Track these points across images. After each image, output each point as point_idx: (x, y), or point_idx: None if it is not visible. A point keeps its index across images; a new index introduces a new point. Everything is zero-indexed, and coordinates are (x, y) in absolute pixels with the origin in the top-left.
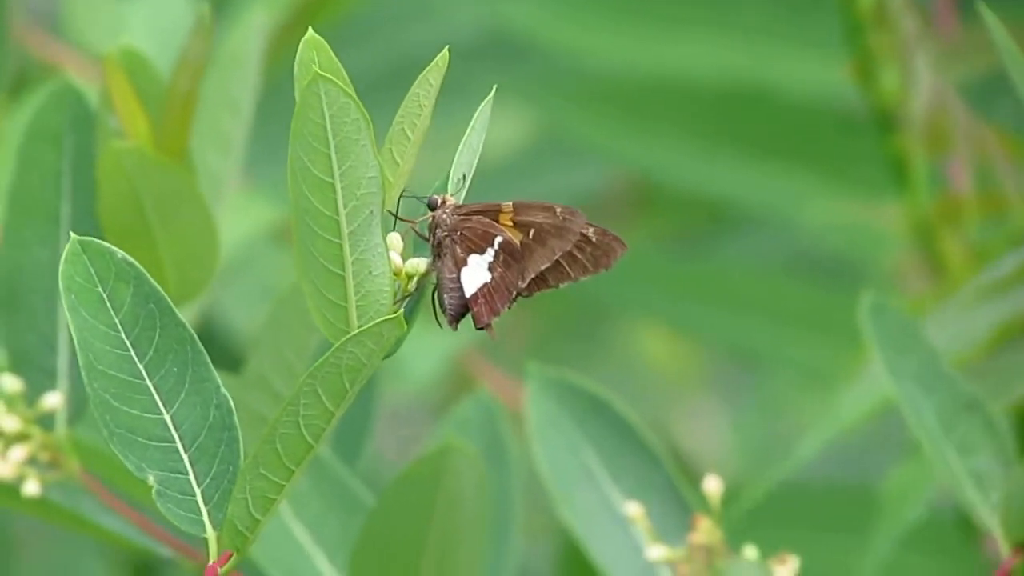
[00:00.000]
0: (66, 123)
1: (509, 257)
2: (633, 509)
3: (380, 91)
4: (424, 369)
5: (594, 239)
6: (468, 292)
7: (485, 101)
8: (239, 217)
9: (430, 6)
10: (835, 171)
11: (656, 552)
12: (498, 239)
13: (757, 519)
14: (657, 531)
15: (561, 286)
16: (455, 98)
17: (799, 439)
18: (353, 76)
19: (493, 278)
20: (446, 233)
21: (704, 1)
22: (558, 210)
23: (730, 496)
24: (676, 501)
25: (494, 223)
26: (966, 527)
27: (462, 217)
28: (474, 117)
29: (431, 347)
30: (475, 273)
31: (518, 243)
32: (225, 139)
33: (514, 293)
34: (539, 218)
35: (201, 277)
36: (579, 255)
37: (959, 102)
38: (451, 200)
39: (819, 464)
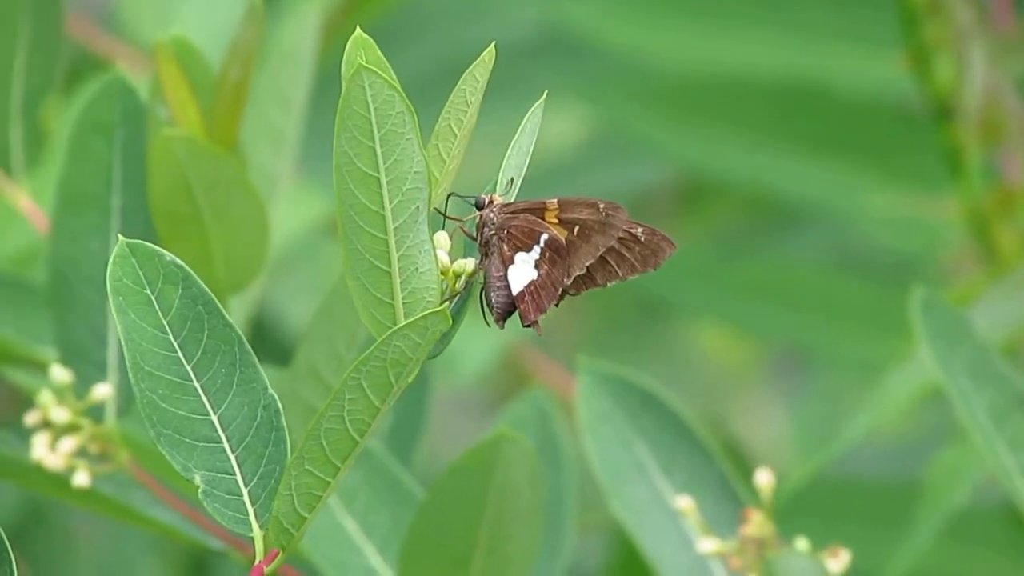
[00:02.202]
0: (117, 116)
1: (555, 254)
2: (684, 503)
3: (436, 89)
4: (476, 363)
5: (643, 238)
6: (515, 290)
7: (536, 105)
8: (292, 211)
9: (487, 5)
10: (892, 166)
11: (707, 545)
12: (544, 236)
13: (810, 512)
14: (708, 524)
15: (609, 285)
16: (511, 97)
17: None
18: (409, 74)
19: (539, 275)
20: (493, 232)
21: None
22: (601, 206)
23: (785, 488)
24: (728, 494)
25: (540, 220)
26: (1015, 520)
27: (509, 215)
28: (524, 120)
29: (483, 342)
30: (522, 271)
31: (563, 240)
32: (278, 135)
33: (560, 290)
34: (583, 215)
35: (252, 267)
36: (627, 254)
37: (1014, 94)
38: (498, 199)
39: (876, 461)
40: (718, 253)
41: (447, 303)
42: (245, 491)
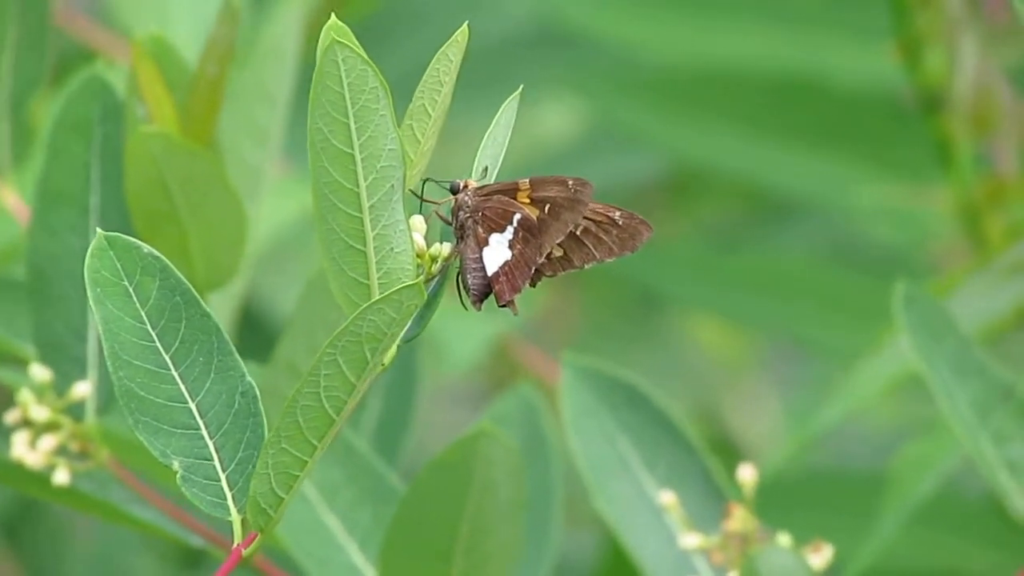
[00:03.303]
0: (95, 114)
1: (527, 233)
2: (667, 497)
3: None
4: (466, 354)
5: (620, 222)
6: (490, 271)
7: (512, 97)
8: (281, 204)
9: None
10: (884, 158)
11: (690, 540)
12: (516, 216)
13: (800, 504)
14: (692, 519)
15: (587, 267)
16: (504, 90)
17: (849, 421)
18: (401, 69)
19: (513, 255)
20: (468, 215)
21: None
22: (570, 183)
23: (777, 479)
24: (711, 489)
25: (512, 201)
26: (996, 509)
27: (483, 198)
28: (499, 111)
29: (473, 333)
30: (496, 252)
31: (535, 219)
32: (261, 131)
33: (533, 269)
34: (552, 192)
35: (230, 263)
36: (605, 237)
37: (1005, 84)
38: (473, 183)
39: (871, 452)
40: (711, 245)
41: (422, 278)
42: (223, 476)
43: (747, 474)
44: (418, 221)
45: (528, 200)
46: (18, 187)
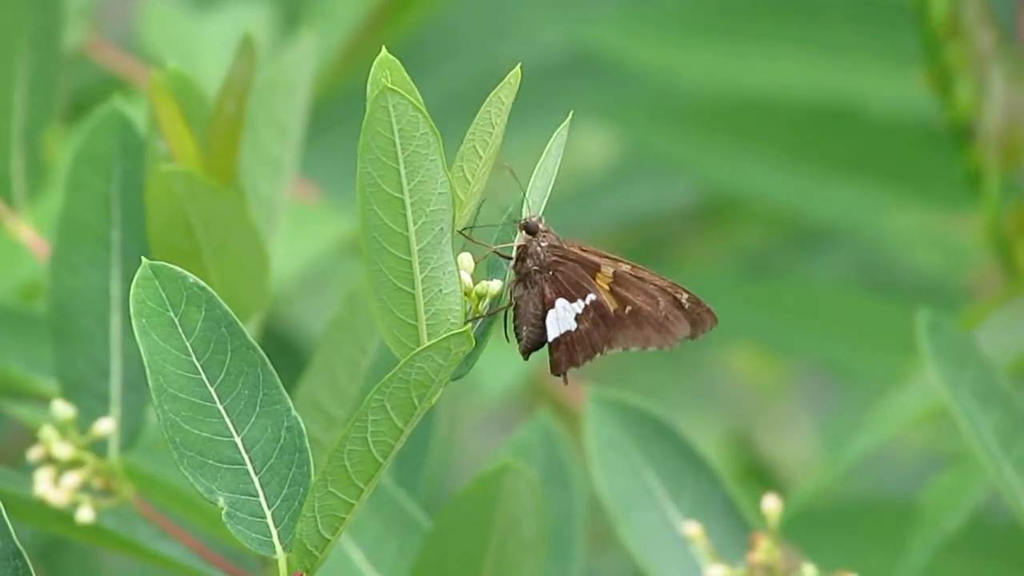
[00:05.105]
0: (115, 149)
1: (599, 317)
2: (692, 529)
3: (464, 108)
4: (501, 382)
5: (687, 306)
6: (551, 335)
7: (562, 126)
8: (318, 231)
9: (514, 24)
10: (918, 185)
11: (715, 572)
12: (591, 296)
13: (836, 531)
14: (716, 550)
15: (646, 350)
16: (538, 116)
17: (880, 446)
18: (436, 93)
19: (579, 329)
20: (537, 268)
21: (787, 18)
22: (662, 304)
23: (810, 505)
24: (736, 520)
25: (590, 279)
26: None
27: (558, 258)
28: (550, 142)
29: (509, 361)
30: (561, 318)
31: (612, 311)
32: (275, 163)
33: (597, 354)
34: (639, 300)
35: (252, 301)
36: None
37: None
38: (552, 234)
39: (904, 479)
40: (744, 272)
41: (470, 324)
42: (269, 513)
43: (771, 505)
44: (466, 259)
45: (607, 288)
46: (33, 221)
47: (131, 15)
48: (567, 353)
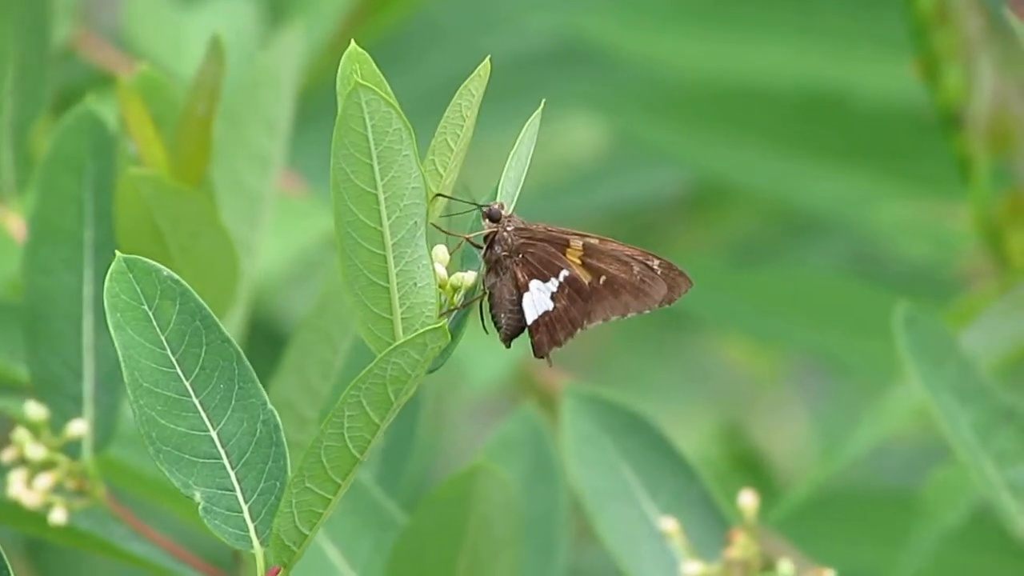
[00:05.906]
0: (86, 150)
1: (575, 293)
2: (669, 524)
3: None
4: (489, 374)
5: (659, 272)
6: (529, 318)
7: (534, 114)
8: (301, 225)
9: (502, 15)
10: (910, 173)
11: (692, 567)
12: (563, 273)
13: (828, 523)
14: (694, 546)
15: (625, 318)
16: (526, 107)
17: (883, 438)
18: (422, 85)
19: (556, 308)
20: (506, 252)
21: (775, 6)
22: (636, 269)
23: (788, 501)
24: (713, 516)
25: (560, 255)
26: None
27: (525, 240)
28: (522, 131)
29: (496, 352)
30: (537, 299)
31: (586, 284)
32: (262, 158)
33: (577, 330)
34: (612, 268)
35: (222, 303)
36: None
37: (1022, 102)
38: (516, 218)
39: (898, 469)
40: (734, 261)
41: (445, 318)
42: (245, 507)
43: (748, 501)
44: (441, 252)
45: (579, 261)
46: (22, 214)
47: (120, 10)
48: (548, 334)
